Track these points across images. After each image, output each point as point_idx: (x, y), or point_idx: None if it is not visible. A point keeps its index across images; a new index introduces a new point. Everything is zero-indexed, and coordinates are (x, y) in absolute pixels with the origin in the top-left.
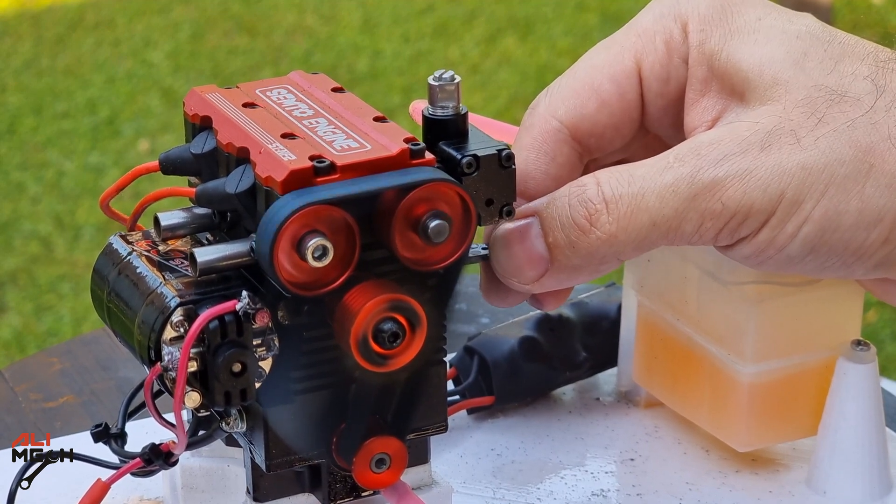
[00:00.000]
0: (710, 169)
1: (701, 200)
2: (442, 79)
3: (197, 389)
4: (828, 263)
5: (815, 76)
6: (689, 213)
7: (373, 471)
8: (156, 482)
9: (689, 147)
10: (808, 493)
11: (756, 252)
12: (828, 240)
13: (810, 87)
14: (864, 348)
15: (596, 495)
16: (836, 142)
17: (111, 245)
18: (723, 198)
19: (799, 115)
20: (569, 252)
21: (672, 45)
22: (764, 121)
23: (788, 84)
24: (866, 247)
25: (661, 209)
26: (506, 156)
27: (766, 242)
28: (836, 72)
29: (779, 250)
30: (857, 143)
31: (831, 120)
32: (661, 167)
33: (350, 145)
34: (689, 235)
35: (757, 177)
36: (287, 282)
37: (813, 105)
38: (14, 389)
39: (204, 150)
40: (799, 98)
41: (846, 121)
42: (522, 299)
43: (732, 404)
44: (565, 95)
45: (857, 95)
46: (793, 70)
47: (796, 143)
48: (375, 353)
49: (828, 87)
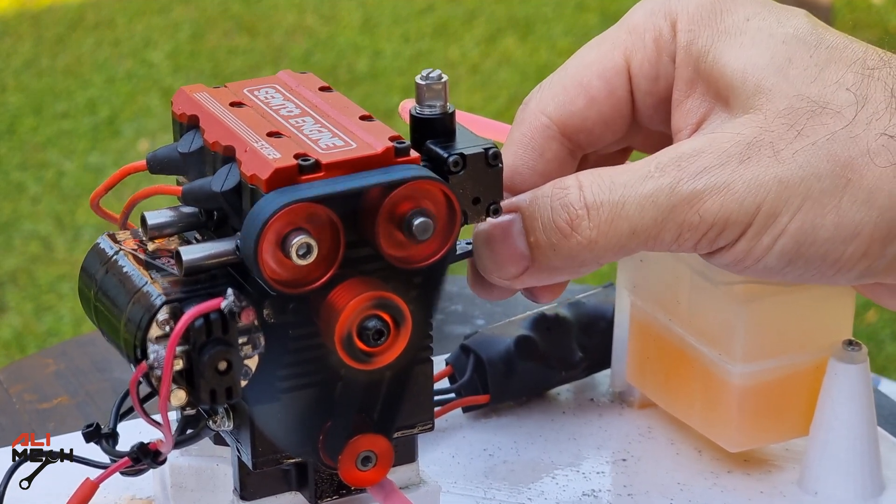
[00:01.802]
0: (690, 181)
1: (679, 212)
2: (429, 78)
3: (183, 388)
4: (807, 274)
5: (797, 85)
6: (667, 224)
7: (359, 469)
8: (147, 482)
9: (671, 157)
10: (800, 494)
11: (734, 262)
12: (804, 252)
13: (792, 97)
14: (855, 348)
15: (587, 495)
16: (813, 156)
17: (98, 244)
18: (700, 210)
19: (779, 127)
20: (549, 253)
21: (661, 43)
22: (745, 132)
23: (771, 93)
24: (844, 260)
25: (640, 218)
26: (492, 154)
27: (743, 253)
28: (820, 80)
29: (756, 261)
30: (835, 158)
31: (811, 133)
32: (642, 175)
33: (335, 143)
34: (668, 244)
35: (734, 190)
36: (271, 279)
37: (793, 116)
38: (8, 391)
39: (191, 149)
40: (780, 108)
41: (826, 134)
42: (509, 294)
43: (723, 405)
44: (555, 92)
45: (838, 107)
46: (776, 77)
47: (774, 157)
48: (360, 351)
49: (809, 98)
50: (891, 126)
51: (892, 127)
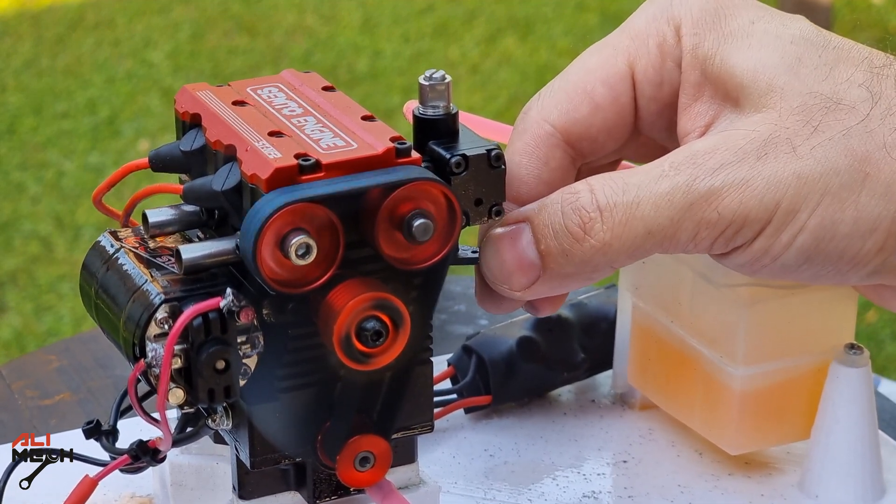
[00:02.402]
0: (707, 178)
1: (697, 210)
2: (433, 78)
3: (181, 386)
4: (822, 272)
5: (809, 83)
6: (684, 223)
7: (357, 469)
8: (147, 480)
9: (685, 155)
10: (801, 497)
11: (751, 261)
12: (823, 249)
13: (805, 95)
14: (857, 352)
15: (587, 497)
16: (831, 151)
17: (100, 242)
18: (719, 207)
19: (794, 123)
20: (562, 260)
21: (665, 48)
22: (760, 129)
23: (783, 91)
24: (861, 255)
25: (656, 218)
26: (495, 155)
27: (761, 251)
28: (831, 78)
29: (774, 259)
30: (852, 152)
31: (827, 128)
32: (656, 175)
33: (336, 144)
34: (685, 244)
35: (753, 186)
36: (270, 279)
37: (808, 113)
38: (11, 387)
39: (193, 147)
40: (794, 105)
41: (841, 129)
42: (517, 306)
43: (724, 407)
44: (558, 99)
45: (852, 103)
46: (787, 76)
47: (792, 152)
48: (358, 352)
49: (823, 95)
50: None
51: None
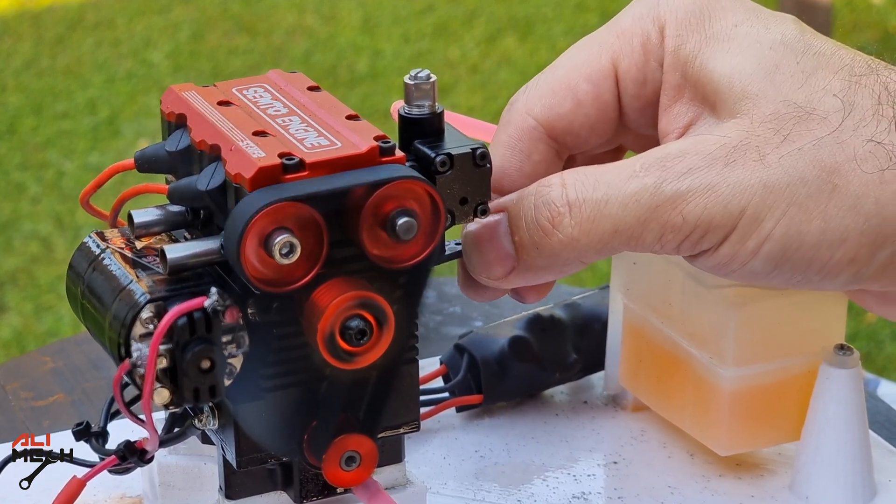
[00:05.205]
0: (674, 182)
1: (662, 212)
2: (417, 77)
3: (166, 386)
4: (793, 280)
5: (784, 90)
6: (650, 224)
7: (343, 469)
8: (137, 480)
9: (656, 157)
10: (791, 498)
11: (719, 265)
12: (790, 257)
13: (779, 102)
14: (847, 353)
15: (577, 498)
16: (800, 161)
17: (86, 243)
18: (683, 211)
19: (765, 132)
20: (533, 252)
21: (649, 47)
22: (731, 135)
23: (757, 98)
24: (831, 266)
25: (623, 217)
26: (480, 154)
27: (727, 257)
28: (807, 86)
29: (742, 265)
30: (821, 163)
31: (797, 138)
32: (626, 175)
33: (320, 143)
34: (651, 245)
35: (718, 192)
36: (254, 278)
37: (780, 121)
38: (5, 387)
39: (178, 147)
40: (766, 113)
41: (812, 139)
42: (499, 294)
43: (714, 408)
44: (542, 93)
45: (824, 113)
46: (763, 83)
47: (760, 161)
48: (343, 350)
49: (796, 104)
50: (878, 132)
51: (879, 133)
